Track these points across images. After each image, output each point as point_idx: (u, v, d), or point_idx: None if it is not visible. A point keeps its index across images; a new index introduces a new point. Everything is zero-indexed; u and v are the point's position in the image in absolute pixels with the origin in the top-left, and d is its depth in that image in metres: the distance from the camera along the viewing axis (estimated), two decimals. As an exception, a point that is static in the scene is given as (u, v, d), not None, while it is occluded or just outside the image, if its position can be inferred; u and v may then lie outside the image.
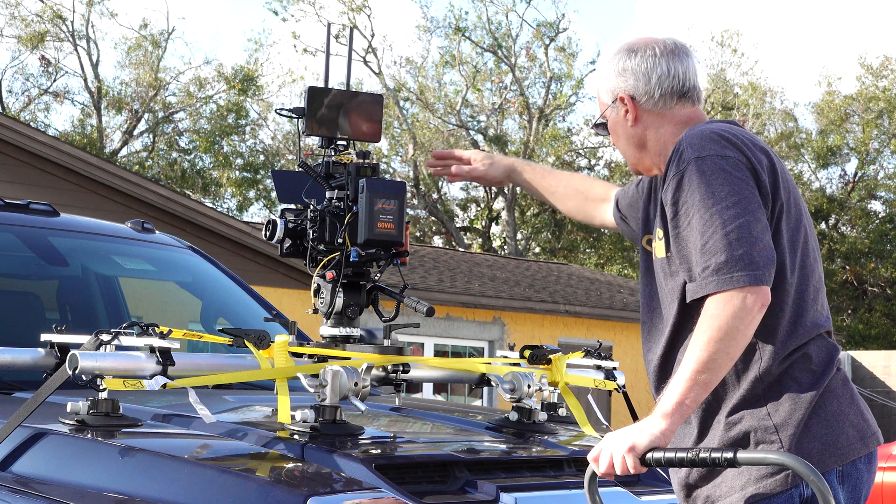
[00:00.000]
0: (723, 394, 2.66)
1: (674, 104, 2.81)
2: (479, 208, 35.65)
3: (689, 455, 2.47)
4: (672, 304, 2.72)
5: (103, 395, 2.98)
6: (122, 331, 3.02)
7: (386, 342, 3.38)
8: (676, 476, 2.76)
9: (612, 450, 2.56)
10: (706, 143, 2.63)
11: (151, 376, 2.99)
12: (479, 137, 33.45)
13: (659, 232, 2.73)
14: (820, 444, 2.63)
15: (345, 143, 3.45)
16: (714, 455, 2.44)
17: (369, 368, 3.20)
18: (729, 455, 2.42)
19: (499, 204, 34.58)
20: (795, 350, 2.66)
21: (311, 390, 3.10)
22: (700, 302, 2.58)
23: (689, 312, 2.66)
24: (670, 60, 2.81)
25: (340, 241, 3.31)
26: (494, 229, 35.50)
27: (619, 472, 2.57)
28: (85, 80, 33.06)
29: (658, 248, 2.74)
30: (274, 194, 29.54)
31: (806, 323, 2.68)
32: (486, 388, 4.32)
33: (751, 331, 2.55)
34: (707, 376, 2.53)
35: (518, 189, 33.11)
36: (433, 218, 34.36)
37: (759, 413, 2.62)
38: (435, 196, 34.07)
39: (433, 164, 3.55)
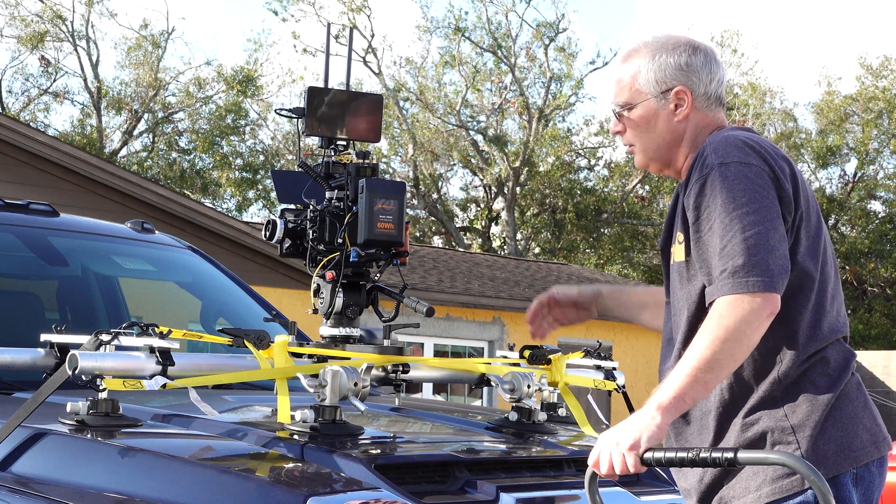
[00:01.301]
0: (740, 396, 2.66)
1: (716, 108, 2.84)
2: (478, 208, 35.65)
3: (690, 455, 2.46)
4: (685, 309, 2.71)
5: (103, 395, 2.98)
6: (121, 331, 3.02)
7: (386, 342, 3.38)
8: (686, 482, 2.73)
9: (610, 450, 2.56)
10: (730, 150, 2.64)
11: (151, 376, 2.99)
12: (479, 137, 33.46)
13: (679, 236, 2.72)
14: (835, 447, 2.63)
15: (344, 143, 3.45)
16: (714, 455, 2.43)
17: (369, 368, 3.20)
18: (729, 455, 2.41)
19: (499, 204, 34.57)
20: (814, 354, 2.66)
21: (311, 390, 3.10)
22: None
23: (704, 318, 2.63)
24: (721, 67, 2.85)
25: (340, 241, 3.31)
26: (494, 229, 35.50)
27: (619, 473, 2.56)
28: (85, 81, 33.07)
29: (677, 252, 2.74)
30: (273, 194, 29.55)
31: (824, 328, 2.68)
32: (485, 389, 4.33)
33: (757, 337, 2.54)
34: (709, 376, 2.53)
35: (518, 189, 33.18)
36: (433, 218, 34.36)
37: (777, 414, 2.62)
38: (435, 196, 34.07)
39: (538, 333, 3.34)
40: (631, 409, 3.82)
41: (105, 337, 3.00)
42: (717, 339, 2.52)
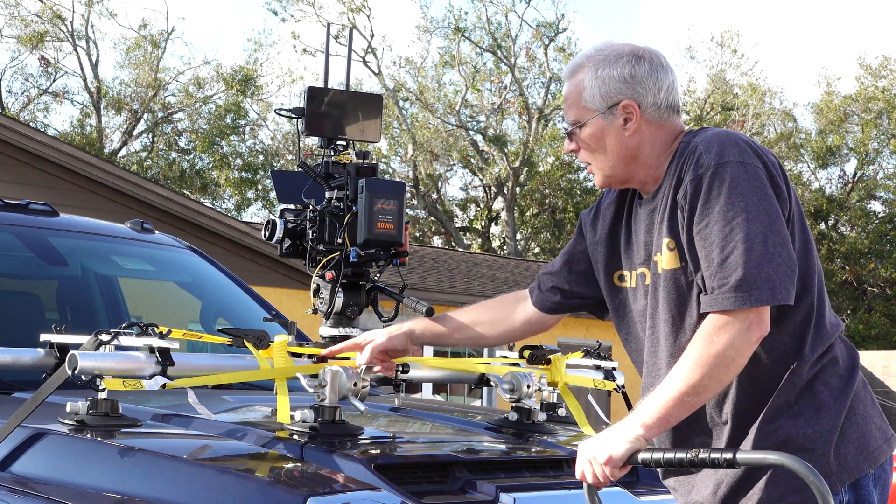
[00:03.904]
0: (756, 403, 2.60)
1: (671, 116, 2.71)
2: (478, 208, 35.66)
3: (689, 456, 2.45)
4: (685, 317, 2.62)
5: (103, 395, 2.98)
6: (121, 331, 3.02)
7: (385, 342, 3.38)
8: (699, 494, 2.66)
9: (589, 461, 2.55)
10: (727, 148, 2.55)
11: (151, 376, 2.99)
12: (479, 137, 33.47)
13: (669, 242, 2.62)
14: (854, 449, 2.60)
15: (344, 143, 3.45)
16: (713, 456, 2.41)
17: (369, 368, 3.20)
18: (728, 456, 2.39)
19: (498, 204, 34.59)
20: (824, 353, 2.62)
21: (311, 390, 3.10)
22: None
23: None
24: (670, 72, 2.73)
25: (340, 241, 3.31)
26: (494, 229, 35.51)
27: (591, 483, 2.56)
28: (84, 81, 33.08)
29: (667, 259, 2.63)
30: (273, 194, 29.55)
31: (827, 324, 2.65)
32: (485, 389, 4.35)
33: (744, 360, 2.51)
34: (694, 399, 2.51)
35: (518, 189, 33.18)
36: (433, 218, 34.37)
37: (796, 421, 2.57)
38: (434, 196, 34.07)
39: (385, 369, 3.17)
40: (630, 410, 3.82)
41: (105, 337, 3.00)
42: (704, 365, 2.48)
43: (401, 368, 3.37)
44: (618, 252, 2.80)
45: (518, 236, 34.00)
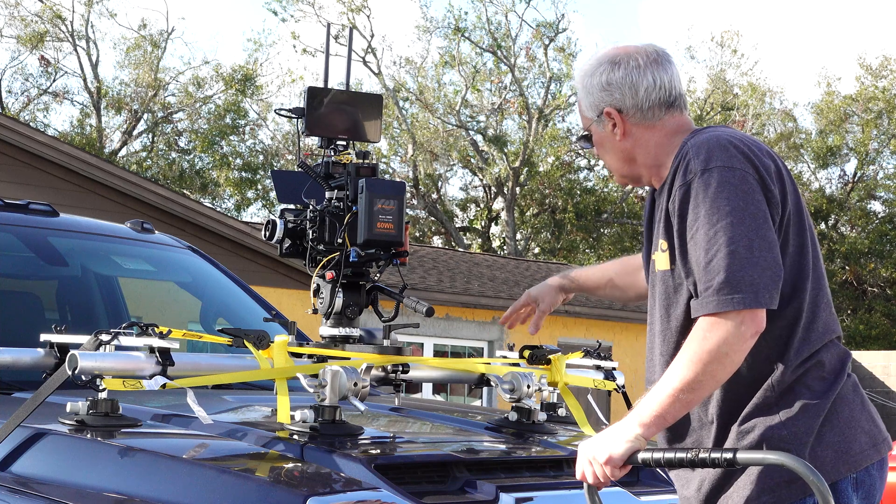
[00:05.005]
0: (737, 404, 2.62)
1: (663, 115, 2.73)
2: (478, 208, 35.65)
3: (689, 455, 2.46)
4: (672, 319, 2.66)
5: (103, 395, 2.98)
6: (121, 331, 3.02)
7: (385, 342, 3.38)
8: (688, 490, 2.69)
9: (589, 461, 2.56)
10: (714, 153, 2.56)
11: (151, 376, 2.99)
12: (479, 137, 33.46)
13: (662, 243, 2.66)
14: (832, 452, 2.60)
15: (344, 143, 3.45)
16: (713, 455, 2.42)
17: (369, 368, 3.20)
18: (728, 455, 2.41)
19: (498, 204, 34.58)
20: (809, 357, 2.62)
21: (311, 390, 3.10)
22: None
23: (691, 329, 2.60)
24: (655, 70, 2.73)
25: (340, 241, 3.32)
26: (494, 229, 35.51)
27: (591, 483, 2.57)
28: (84, 81, 33.07)
29: (660, 260, 2.67)
30: (273, 194, 29.56)
31: (818, 328, 2.65)
32: (485, 389, 4.35)
33: (740, 357, 2.51)
34: (689, 396, 2.51)
35: (518, 189, 33.17)
36: (433, 218, 34.36)
37: (772, 421, 2.58)
38: (434, 196, 34.07)
39: (509, 322, 3.52)
40: (630, 409, 3.81)
41: (105, 337, 3.00)
42: (699, 361, 2.49)
43: (401, 368, 3.37)
44: (651, 234, 2.84)
45: (518, 236, 34.00)
